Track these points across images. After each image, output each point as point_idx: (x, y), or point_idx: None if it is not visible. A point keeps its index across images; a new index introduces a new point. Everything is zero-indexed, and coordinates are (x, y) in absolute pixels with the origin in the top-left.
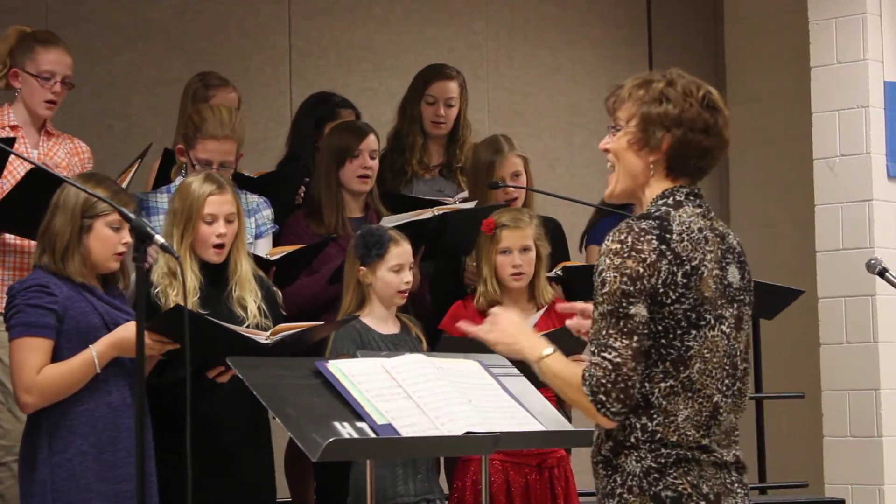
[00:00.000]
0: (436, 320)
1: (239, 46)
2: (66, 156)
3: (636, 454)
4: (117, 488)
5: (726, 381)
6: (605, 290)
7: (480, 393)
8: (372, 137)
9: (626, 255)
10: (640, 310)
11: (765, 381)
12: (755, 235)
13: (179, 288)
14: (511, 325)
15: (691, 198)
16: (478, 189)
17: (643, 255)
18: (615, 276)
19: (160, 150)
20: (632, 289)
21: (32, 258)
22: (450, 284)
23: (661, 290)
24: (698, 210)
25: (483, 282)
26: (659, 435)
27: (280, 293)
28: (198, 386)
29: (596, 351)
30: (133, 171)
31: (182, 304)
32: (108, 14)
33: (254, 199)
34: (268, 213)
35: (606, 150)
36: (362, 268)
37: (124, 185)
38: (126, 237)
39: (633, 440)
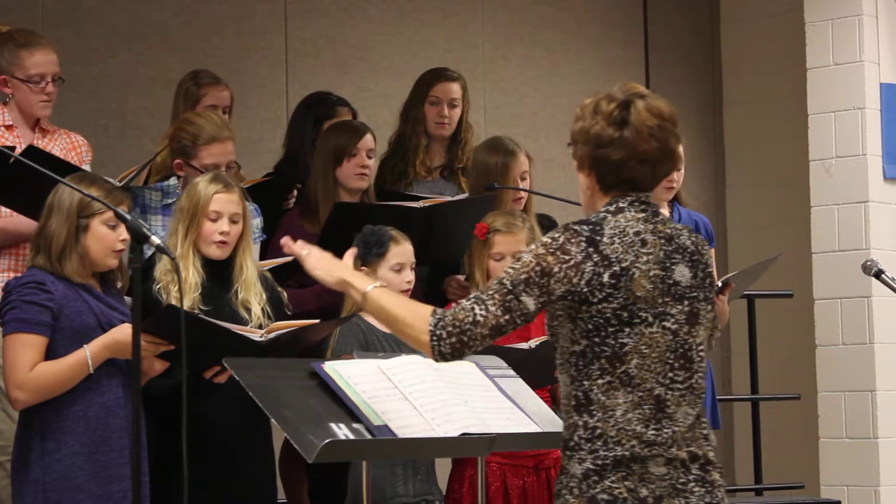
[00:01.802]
0: None
1: (235, 47)
2: (62, 152)
3: (578, 455)
4: (109, 489)
5: (670, 375)
6: (516, 266)
7: (476, 394)
8: (369, 136)
9: (551, 250)
10: (529, 301)
11: (761, 383)
12: (751, 236)
13: (178, 285)
14: (327, 259)
15: (635, 203)
16: (481, 191)
17: (567, 257)
18: (531, 261)
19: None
20: (537, 280)
21: (27, 259)
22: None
23: (587, 290)
24: (640, 215)
25: (475, 286)
26: (599, 430)
27: (285, 293)
28: (195, 386)
29: (472, 299)
30: (135, 171)
31: (179, 303)
32: (103, 14)
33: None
34: (257, 221)
35: None
36: (363, 267)
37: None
38: (124, 234)
39: (576, 439)
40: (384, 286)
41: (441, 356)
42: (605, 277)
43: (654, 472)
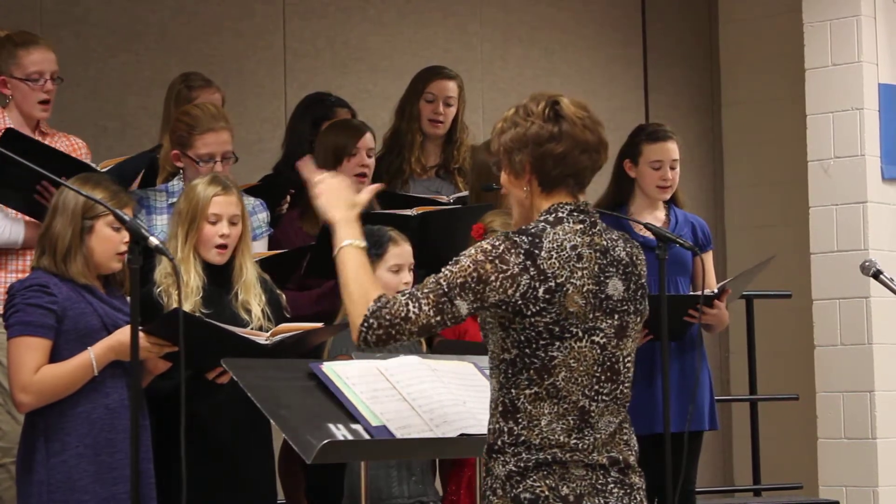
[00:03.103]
0: None
1: (233, 48)
2: None
3: (502, 458)
4: (113, 490)
5: (596, 387)
6: (453, 268)
7: (475, 395)
8: (369, 136)
9: (490, 258)
10: (462, 306)
11: (759, 383)
12: (749, 237)
13: (179, 288)
14: (336, 193)
15: (574, 213)
16: (479, 191)
17: (505, 266)
18: (469, 266)
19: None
20: (473, 286)
21: (32, 260)
22: None
23: (521, 303)
24: (578, 227)
25: None
26: (523, 438)
27: (284, 296)
28: (197, 387)
29: (408, 295)
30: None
31: (180, 305)
32: (102, 15)
33: (249, 202)
34: (263, 216)
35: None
36: None
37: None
38: (128, 237)
39: (500, 444)
40: (361, 247)
41: (365, 343)
42: (540, 292)
43: (574, 472)
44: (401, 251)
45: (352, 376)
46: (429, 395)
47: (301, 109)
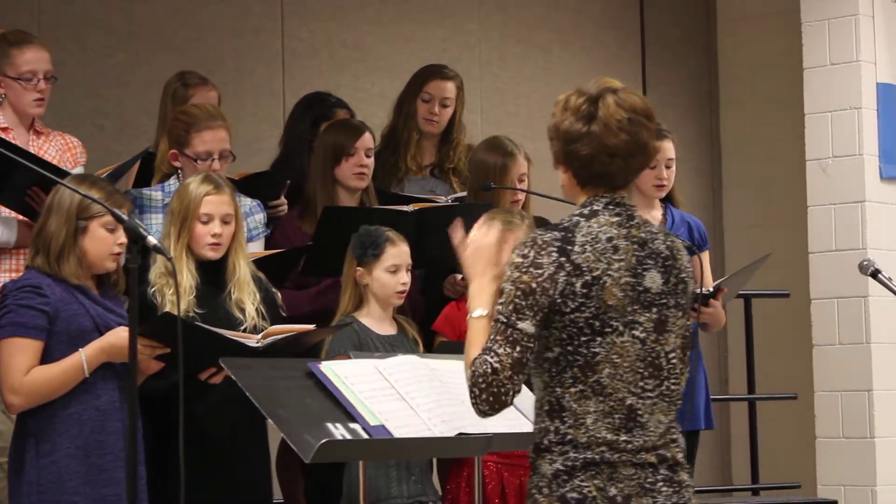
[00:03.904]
0: (428, 319)
1: (231, 47)
2: (57, 153)
3: (549, 457)
4: (103, 492)
5: (641, 384)
6: (502, 300)
7: None
8: (368, 135)
9: (524, 269)
10: (527, 326)
11: (757, 382)
12: (748, 236)
13: (175, 288)
14: (480, 260)
15: (610, 206)
16: (479, 191)
17: (540, 270)
18: (511, 290)
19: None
20: (523, 303)
21: (26, 259)
22: (443, 284)
23: (560, 301)
24: (614, 219)
25: None
26: (570, 437)
27: (279, 294)
28: (190, 387)
29: (483, 352)
30: (115, 167)
31: (175, 306)
32: (100, 15)
33: (246, 203)
34: (260, 216)
35: None
36: (359, 268)
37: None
38: (122, 238)
39: (546, 443)
40: (486, 316)
41: (483, 414)
42: (578, 287)
43: (623, 472)
44: (398, 252)
45: (350, 375)
46: (427, 394)
47: (301, 109)
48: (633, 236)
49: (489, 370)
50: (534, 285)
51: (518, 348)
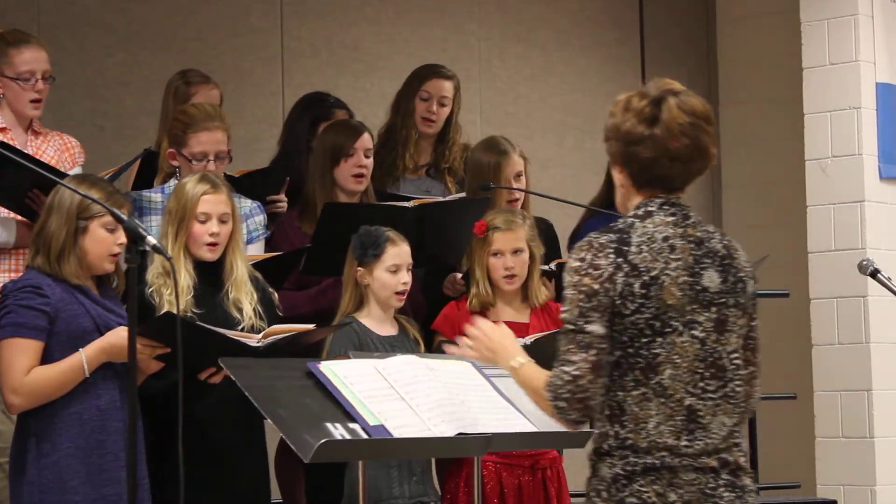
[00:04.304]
0: (429, 319)
1: (231, 47)
2: (55, 153)
3: (609, 461)
4: (103, 492)
5: (701, 385)
6: (566, 308)
7: (473, 394)
8: (366, 136)
9: (584, 272)
10: (596, 327)
11: None
12: (747, 236)
13: (173, 287)
14: (488, 342)
15: (665, 207)
16: (476, 191)
17: (600, 272)
18: (574, 294)
19: (141, 150)
20: (588, 306)
21: (26, 259)
22: (443, 283)
23: (619, 302)
24: (670, 219)
25: (475, 283)
26: (630, 441)
27: (276, 294)
28: (190, 387)
29: (558, 364)
30: (116, 169)
31: (173, 306)
32: (99, 15)
33: (247, 204)
34: (260, 218)
35: None
36: (360, 268)
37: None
38: (121, 238)
39: (606, 447)
40: (525, 363)
41: (574, 424)
42: (636, 287)
43: (684, 477)
44: (399, 251)
45: (350, 375)
46: (427, 394)
47: (300, 109)
48: (689, 235)
49: (568, 379)
50: (596, 286)
51: (593, 351)
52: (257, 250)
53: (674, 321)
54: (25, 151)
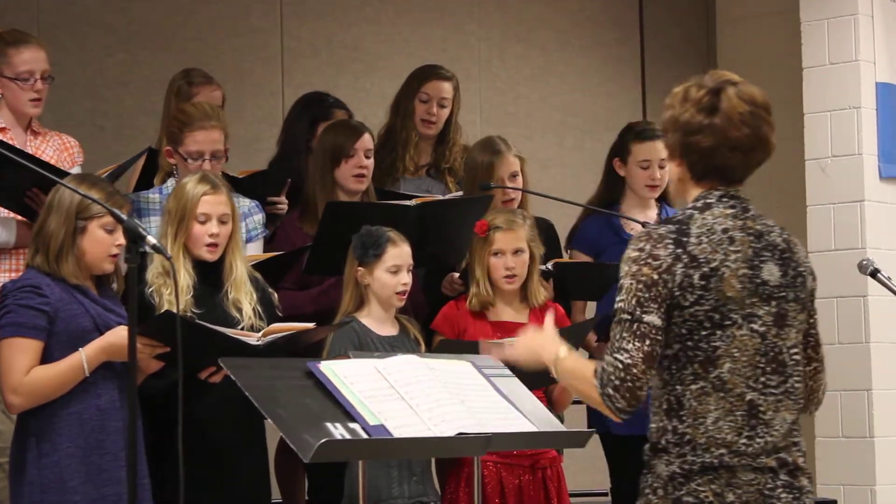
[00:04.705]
0: (430, 318)
1: (231, 47)
2: (54, 153)
3: (666, 458)
4: (103, 492)
5: (762, 380)
6: (622, 297)
7: (473, 394)
8: (367, 136)
9: (642, 262)
10: (653, 318)
11: None
12: None
13: (173, 287)
14: (531, 342)
15: (724, 199)
16: (474, 191)
17: (659, 262)
18: (632, 284)
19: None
20: (646, 296)
21: (26, 258)
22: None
23: (678, 293)
24: (729, 211)
25: (475, 283)
26: (688, 437)
27: (276, 294)
28: (190, 386)
29: (610, 352)
30: (116, 167)
31: (173, 306)
32: (99, 15)
33: (245, 204)
34: (259, 217)
35: None
36: (360, 268)
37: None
38: (120, 239)
39: (664, 443)
40: (569, 354)
41: (622, 413)
42: (696, 279)
43: (742, 477)
44: (399, 252)
45: (350, 375)
46: (427, 394)
47: (299, 108)
48: (748, 228)
49: (621, 366)
50: (655, 276)
51: (647, 342)
52: (256, 249)
53: (733, 314)
54: (25, 151)
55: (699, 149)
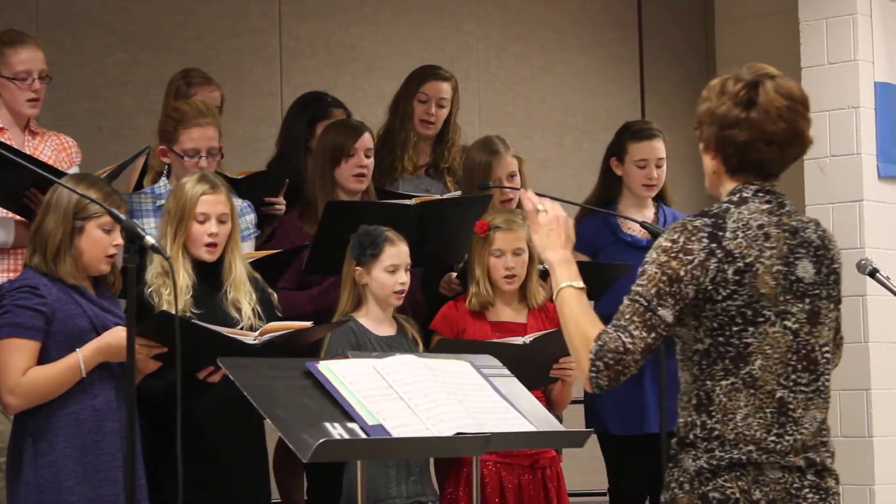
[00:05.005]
0: (430, 318)
1: (229, 47)
2: (52, 153)
3: (693, 452)
4: (99, 492)
5: (793, 377)
6: (643, 282)
7: (471, 394)
8: (367, 136)
9: (673, 255)
10: (667, 313)
11: None
12: None
13: (176, 287)
14: (553, 230)
15: (760, 194)
16: (473, 191)
17: (691, 257)
18: (656, 273)
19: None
20: (668, 289)
21: (23, 258)
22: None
23: (711, 288)
24: (764, 206)
25: (475, 283)
26: (717, 432)
27: (276, 294)
28: (188, 386)
29: (615, 328)
30: (115, 167)
31: (172, 306)
32: (98, 14)
33: (237, 203)
34: (250, 217)
35: None
36: (358, 267)
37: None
38: (117, 239)
39: (692, 437)
40: (579, 288)
41: (598, 387)
42: (730, 274)
43: (769, 475)
44: (397, 251)
45: (348, 375)
46: (425, 394)
47: (297, 108)
48: (784, 224)
49: (621, 348)
50: (682, 273)
51: (653, 335)
52: (248, 250)
53: (766, 311)
54: (23, 151)
55: (735, 142)
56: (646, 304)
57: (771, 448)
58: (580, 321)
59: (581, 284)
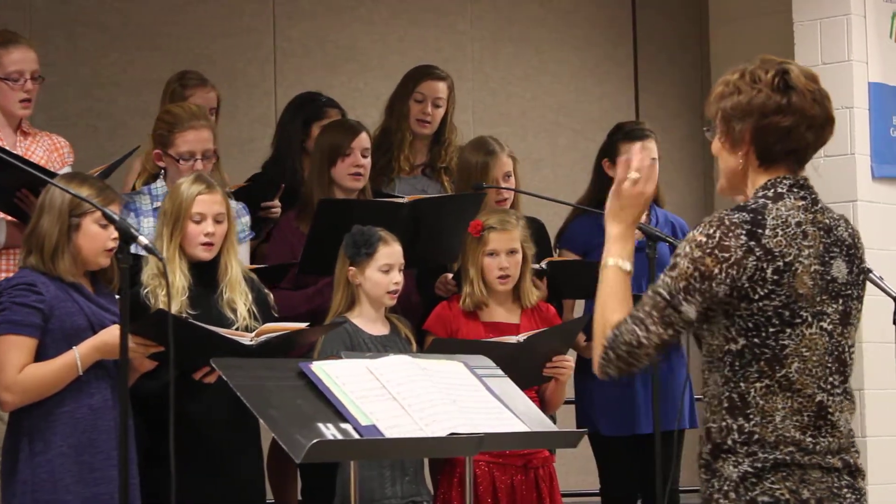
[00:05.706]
0: (424, 319)
1: (224, 47)
2: (44, 153)
3: (733, 458)
4: (95, 491)
5: (830, 379)
6: (672, 274)
7: (465, 394)
8: (364, 135)
9: (708, 250)
10: (690, 310)
11: None
12: None
13: (170, 287)
14: (636, 207)
15: (794, 189)
16: (467, 191)
17: (727, 254)
18: (688, 268)
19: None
20: (698, 286)
21: (18, 259)
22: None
23: (748, 286)
24: (800, 203)
25: (469, 283)
26: (757, 435)
27: (272, 294)
28: (184, 387)
29: (632, 319)
30: (107, 166)
31: (168, 306)
32: (93, 15)
33: (232, 206)
34: (245, 219)
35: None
36: (351, 267)
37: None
38: (115, 233)
39: (729, 443)
40: (625, 271)
41: (605, 375)
42: (769, 272)
43: (812, 475)
44: (391, 251)
45: (341, 375)
46: (419, 395)
47: (292, 109)
48: (818, 222)
49: (635, 342)
50: (716, 270)
51: (670, 331)
52: (243, 251)
53: (804, 311)
54: (14, 152)
55: (778, 129)
56: (668, 298)
57: (811, 449)
58: (608, 304)
59: (629, 267)
